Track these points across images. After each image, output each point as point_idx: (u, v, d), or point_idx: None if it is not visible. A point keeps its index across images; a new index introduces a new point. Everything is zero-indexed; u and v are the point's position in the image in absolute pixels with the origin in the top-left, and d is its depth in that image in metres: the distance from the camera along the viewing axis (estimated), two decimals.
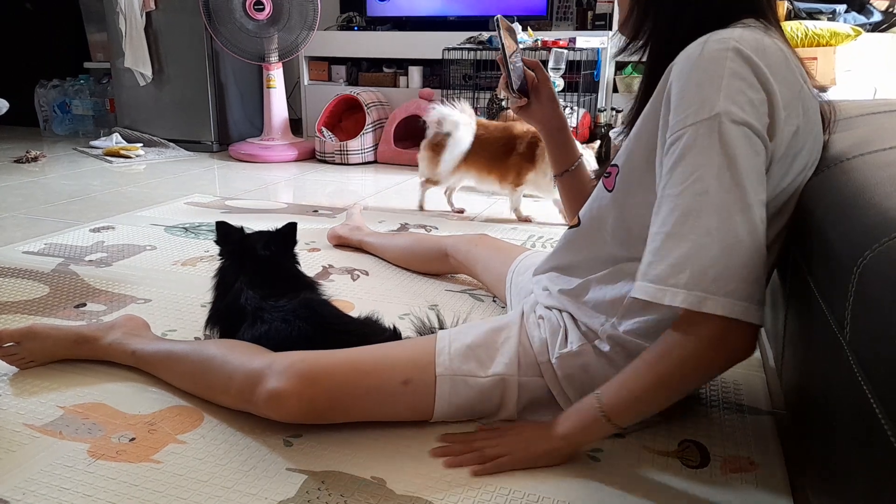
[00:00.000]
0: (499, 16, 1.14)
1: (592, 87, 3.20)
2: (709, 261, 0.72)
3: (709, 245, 0.73)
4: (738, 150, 0.73)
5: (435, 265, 1.71)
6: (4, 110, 2.73)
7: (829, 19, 2.71)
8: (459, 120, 2.23)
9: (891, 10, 2.84)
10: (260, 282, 1.19)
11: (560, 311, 1.03)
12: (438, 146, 2.29)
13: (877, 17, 2.83)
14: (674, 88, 0.79)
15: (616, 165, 0.93)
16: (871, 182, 0.69)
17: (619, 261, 0.95)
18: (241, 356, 1.05)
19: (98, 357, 1.22)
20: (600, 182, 0.97)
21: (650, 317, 0.91)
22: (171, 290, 1.60)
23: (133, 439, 0.99)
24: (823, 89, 0.90)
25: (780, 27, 0.87)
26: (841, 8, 2.81)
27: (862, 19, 2.81)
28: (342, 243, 1.97)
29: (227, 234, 1.29)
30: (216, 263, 1.30)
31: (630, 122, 0.94)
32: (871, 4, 2.85)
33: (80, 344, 1.22)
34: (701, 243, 0.73)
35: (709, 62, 0.76)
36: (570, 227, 1.05)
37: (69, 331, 1.22)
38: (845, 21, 2.76)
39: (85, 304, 1.51)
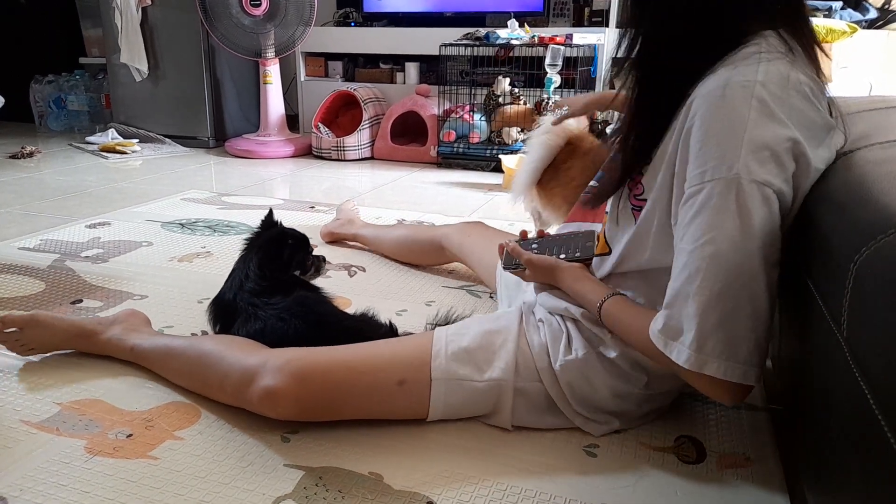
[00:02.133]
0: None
1: (589, 83, 3.20)
2: (710, 327, 0.74)
3: (715, 308, 0.74)
4: (755, 212, 0.72)
5: (431, 256, 1.70)
6: None
7: (825, 16, 2.71)
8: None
9: (886, 6, 2.85)
10: (267, 267, 1.21)
11: (563, 316, 1.02)
12: None
13: (872, 14, 2.83)
14: (694, 135, 0.76)
15: (645, 199, 0.88)
16: (868, 178, 0.69)
17: (634, 274, 0.94)
18: (237, 353, 1.04)
19: (97, 351, 1.22)
20: (628, 208, 0.92)
21: None
22: (167, 287, 1.59)
23: (130, 435, 0.99)
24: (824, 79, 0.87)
25: (805, 33, 0.82)
26: (837, 5, 2.82)
27: (858, 16, 2.81)
28: (336, 239, 1.96)
29: (268, 223, 1.32)
30: (217, 261, 1.29)
31: (635, 147, 0.88)
32: (866, 1, 2.86)
33: (80, 337, 1.22)
34: (708, 305, 0.74)
35: (731, 111, 0.73)
36: (599, 255, 1.01)
37: (71, 323, 1.23)
38: (841, 18, 2.77)
39: (81, 301, 1.50)
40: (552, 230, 1.29)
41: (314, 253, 1.36)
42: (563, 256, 1.05)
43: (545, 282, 1.06)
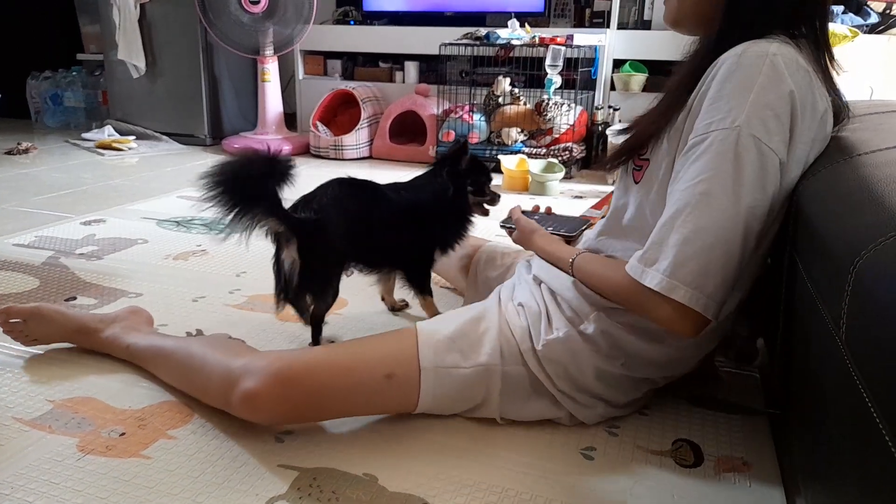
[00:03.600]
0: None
1: (590, 84, 3.19)
2: (685, 257, 0.79)
3: (694, 241, 0.79)
4: (749, 164, 0.78)
5: None
6: None
7: None
8: None
9: (888, 11, 2.85)
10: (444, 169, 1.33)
11: (542, 295, 1.06)
12: None
13: (874, 19, 2.83)
14: (709, 93, 0.82)
15: (647, 160, 0.94)
16: (868, 181, 0.69)
17: (628, 249, 0.96)
18: (221, 356, 1.03)
19: (96, 349, 1.22)
20: (629, 173, 0.98)
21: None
22: (162, 285, 1.58)
23: (123, 434, 0.98)
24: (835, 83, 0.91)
25: (818, 45, 0.88)
26: (838, 9, 2.82)
27: (859, 20, 2.81)
28: None
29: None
30: (212, 259, 1.28)
31: (657, 117, 0.93)
32: (868, 6, 2.86)
33: (80, 333, 1.22)
34: (689, 237, 0.79)
35: (743, 73, 0.80)
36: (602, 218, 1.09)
37: (73, 318, 1.23)
38: (843, 22, 2.77)
39: (75, 298, 1.49)
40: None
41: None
42: (549, 229, 1.16)
43: (524, 243, 1.16)
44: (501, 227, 1.24)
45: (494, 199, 1.41)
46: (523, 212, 1.24)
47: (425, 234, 1.32)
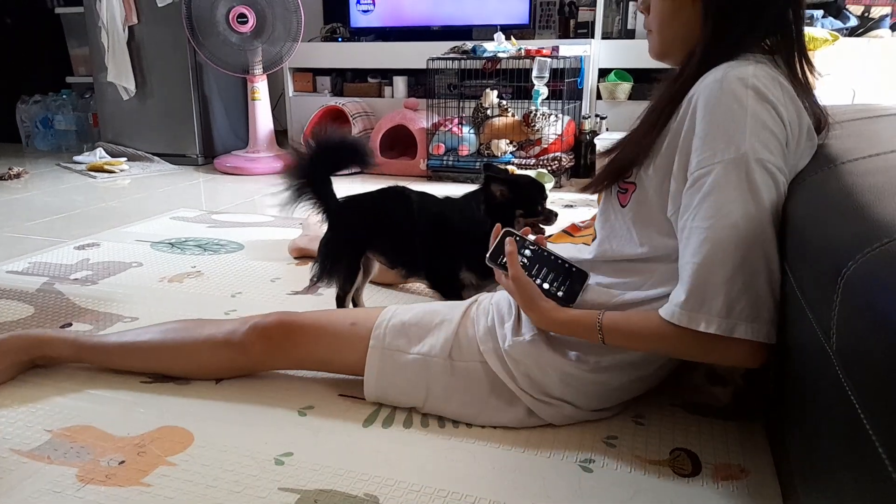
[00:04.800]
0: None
1: (576, 94, 3.22)
2: (737, 293, 0.80)
3: (737, 278, 0.79)
4: (762, 187, 0.80)
5: (390, 275, 1.69)
6: None
7: (806, 24, 2.74)
8: None
9: (866, 14, 2.89)
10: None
11: (513, 302, 1.06)
12: None
13: (853, 22, 2.87)
14: (698, 123, 0.83)
15: (633, 183, 0.95)
16: (854, 190, 0.70)
17: (619, 262, 1.00)
18: (198, 324, 1.24)
19: (38, 353, 1.23)
20: (613, 195, 1.00)
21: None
22: (158, 308, 1.58)
23: (122, 462, 0.98)
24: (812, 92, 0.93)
25: (795, 55, 0.90)
26: (818, 13, 2.86)
27: (839, 24, 2.85)
28: (304, 254, 1.95)
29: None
30: (207, 280, 1.30)
31: (640, 142, 0.94)
32: (847, 10, 2.90)
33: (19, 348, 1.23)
34: (731, 275, 0.79)
35: (731, 101, 0.81)
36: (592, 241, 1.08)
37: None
38: (823, 26, 2.81)
39: (70, 325, 1.49)
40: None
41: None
42: (544, 287, 0.99)
43: (519, 303, 1.02)
44: (488, 261, 1.03)
45: (550, 217, 1.39)
46: (513, 235, 1.04)
47: (446, 247, 1.38)
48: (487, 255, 1.04)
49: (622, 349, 0.97)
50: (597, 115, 3.18)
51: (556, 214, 1.39)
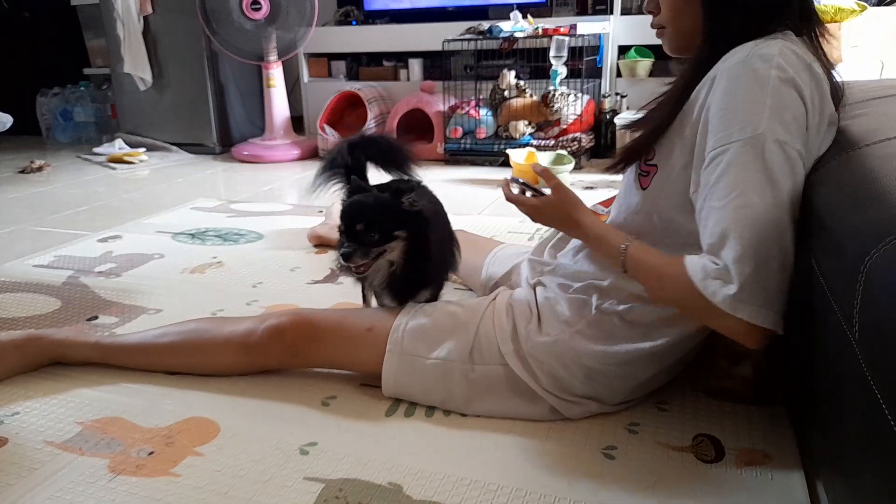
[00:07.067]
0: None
1: (596, 73, 3.17)
2: (749, 274, 0.78)
3: (749, 260, 0.78)
4: (779, 169, 0.78)
5: None
6: (8, 125, 2.73)
7: None
8: None
9: None
10: None
11: (536, 300, 1.07)
12: None
13: None
14: (718, 102, 0.82)
15: (655, 165, 0.94)
16: (878, 174, 0.68)
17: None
18: (216, 324, 1.24)
19: (55, 357, 1.26)
20: (634, 178, 0.99)
21: (647, 307, 0.97)
22: (181, 299, 1.61)
23: (152, 453, 1.01)
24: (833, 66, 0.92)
25: (817, 40, 0.89)
26: None
27: None
28: (322, 243, 1.96)
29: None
30: (228, 271, 1.30)
31: (660, 121, 0.93)
32: None
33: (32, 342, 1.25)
34: (742, 256, 0.78)
35: (754, 80, 0.80)
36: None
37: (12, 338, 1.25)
38: None
39: (97, 317, 1.52)
40: None
41: None
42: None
43: (559, 217, 1.03)
44: (515, 183, 1.08)
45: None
46: (517, 181, 1.12)
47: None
48: (515, 180, 1.09)
49: (642, 336, 0.97)
50: (617, 94, 3.13)
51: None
